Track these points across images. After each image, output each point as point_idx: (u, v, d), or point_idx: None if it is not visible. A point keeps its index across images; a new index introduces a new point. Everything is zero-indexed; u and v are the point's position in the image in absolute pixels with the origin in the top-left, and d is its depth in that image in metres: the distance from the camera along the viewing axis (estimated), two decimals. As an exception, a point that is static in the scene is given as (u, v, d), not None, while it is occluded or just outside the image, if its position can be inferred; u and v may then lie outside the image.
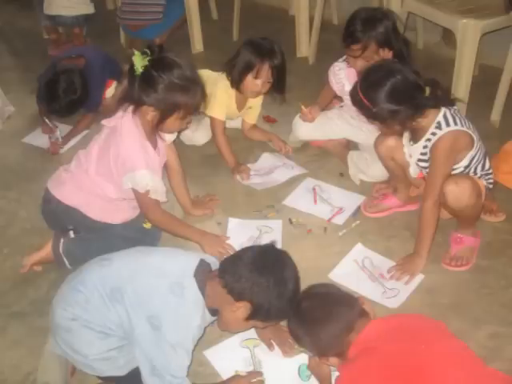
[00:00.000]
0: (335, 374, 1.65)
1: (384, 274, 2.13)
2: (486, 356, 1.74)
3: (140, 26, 3.75)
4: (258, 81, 2.54)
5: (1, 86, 3.33)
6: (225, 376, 1.80)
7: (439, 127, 2.00)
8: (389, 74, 1.94)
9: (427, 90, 1.96)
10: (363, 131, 2.64)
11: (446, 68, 2.99)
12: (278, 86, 2.62)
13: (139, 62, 1.91)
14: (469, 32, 2.76)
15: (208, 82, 2.21)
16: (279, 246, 2.08)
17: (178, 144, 2.51)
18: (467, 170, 2.10)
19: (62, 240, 2.20)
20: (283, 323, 1.77)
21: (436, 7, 2.94)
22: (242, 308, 1.59)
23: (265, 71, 2.52)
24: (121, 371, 1.72)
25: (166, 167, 2.30)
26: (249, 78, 2.55)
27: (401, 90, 1.94)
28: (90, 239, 2.19)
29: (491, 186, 2.19)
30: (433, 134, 2.02)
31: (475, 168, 2.11)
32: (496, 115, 2.93)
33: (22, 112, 3.33)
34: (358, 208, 2.47)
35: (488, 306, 2.00)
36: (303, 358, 1.79)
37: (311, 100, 2.81)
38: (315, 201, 2.52)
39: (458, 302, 2.02)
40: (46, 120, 2.96)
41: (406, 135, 2.17)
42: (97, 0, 4.06)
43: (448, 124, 2.00)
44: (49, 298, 1.85)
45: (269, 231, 2.35)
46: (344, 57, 2.59)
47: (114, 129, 2.03)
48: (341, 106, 2.81)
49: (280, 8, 4.38)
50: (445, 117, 2.01)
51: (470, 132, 2.03)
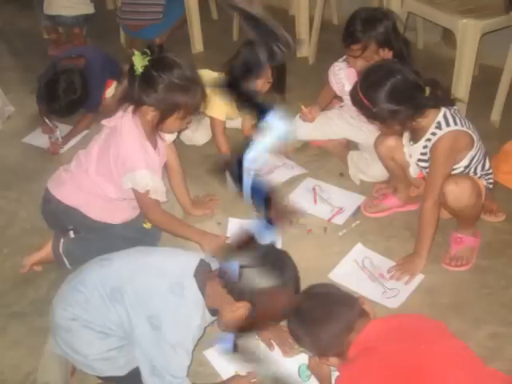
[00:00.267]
0: (335, 374, 1.65)
1: (384, 274, 2.14)
2: (486, 356, 1.74)
3: (140, 26, 3.75)
4: (258, 81, 2.54)
5: (1, 86, 3.33)
6: (225, 376, 1.80)
7: (439, 127, 2.00)
8: (389, 74, 1.94)
9: (427, 90, 1.96)
10: (363, 131, 2.64)
11: (446, 68, 2.98)
12: (278, 86, 2.61)
13: (139, 62, 1.92)
14: (469, 32, 2.76)
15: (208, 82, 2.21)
16: (279, 246, 2.09)
17: (178, 144, 2.51)
18: (467, 170, 2.10)
19: (62, 240, 2.20)
20: (283, 323, 1.77)
21: (436, 7, 2.94)
22: (242, 308, 1.59)
23: (265, 71, 2.52)
24: (121, 371, 1.72)
25: (166, 167, 2.30)
26: (249, 78, 2.55)
27: (401, 90, 1.94)
28: (90, 239, 2.19)
29: (491, 186, 2.19)
30: (433, 134, 2.02)
31: (475, 168, 2.11)
32: (496, 115, 2.93)
33: (22, 112, 3.33)
34: (358, 208, 2.47)
35: (488, 306, 2.00)
36: (303, 358, 1.79)
37: (311, 100, 2.81)
38: (315, 201, 2.52)
39: (458, 302, 2.02)
40: (46, 120, 2.96)
41: (406, 135, 2.17)
42: (97, 0, 4.05)
43: (448, 124, 2.00)
44: (49, 298, 1.85)
45: (269, 231, 2.35)
46: (344, 57, 2.59)
47: (114, 129, 2.03)
48: (341, 106, 2.81)
49: (280, 8, 4.38)
50: (445, 117, 2.01)
51: (470, 132, 2.03)
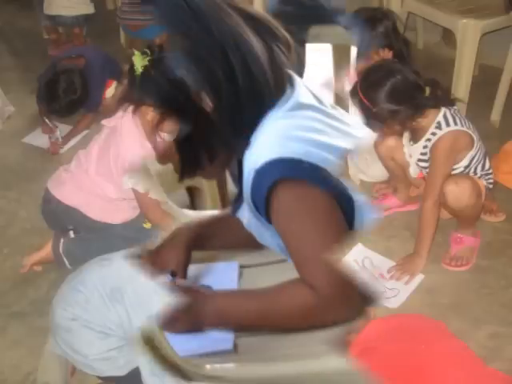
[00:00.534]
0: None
1: (384, 274, 2.13)
2: (486, 356, 1.74)
3: (140, 26, 3.74)
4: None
5: (1, 86, 3.33)
6: None
7: (439, 127, 2.00)
8: (389, 74, 1.95)
9: (427, 90, 1.96)
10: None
11: (446, 68, 2.98)
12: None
13: (139, 62, 1.91)
14: (469, 32, 2.76)
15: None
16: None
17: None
18: (467, 170, 2.10)
19: (62, 240, 2.20)
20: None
21: (436, 7, 2.94)
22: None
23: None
24: (121, 371, 1.72)
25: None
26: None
27: (401, 90, 1.94)
28: (90, 239, 2.19)
29: (491, 186, 2.19)
30: (433, 134, 2.02)
31: (475, 168, 2.11)
32: (496, 115, 2.93)
33: (22, 112, 3.33)
34: (358, 208, 2.46)
35: (488, 306, 2.00)
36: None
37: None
38: (315, 201, 2.52)
39: (458, 302, 2.02)
40: (46, 120, 2.96)
41: (406, 135, 2.17)
42: (97, 0, 4.05)
43: (448, 124, 2.00)
44: (49, 298, 1.84)
45: (269, 231, 2.35)
46: (344, 57, 2.59)
47: (114, 129, 2.04)
48: (341, 106, 2.81)
49: (280, 8, 4.37)
50: (445, 117, 2.01)
51: (470, 132, 2.03)
